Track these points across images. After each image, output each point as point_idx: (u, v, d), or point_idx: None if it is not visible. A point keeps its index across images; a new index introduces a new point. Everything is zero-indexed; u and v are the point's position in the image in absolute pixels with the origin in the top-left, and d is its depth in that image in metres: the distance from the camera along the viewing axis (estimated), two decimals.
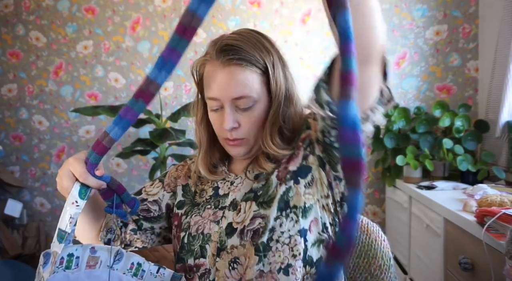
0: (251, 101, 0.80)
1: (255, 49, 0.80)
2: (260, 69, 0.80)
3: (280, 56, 0.85)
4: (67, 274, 0.70)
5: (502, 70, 1.92)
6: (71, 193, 0.66)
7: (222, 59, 0.79)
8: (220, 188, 0.90)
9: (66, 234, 0.64)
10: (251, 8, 2.44)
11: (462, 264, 1.33)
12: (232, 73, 0.78)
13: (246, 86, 0.79)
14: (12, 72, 2.58)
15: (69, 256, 0.70)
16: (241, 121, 0.82)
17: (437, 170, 2.01)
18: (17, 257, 2.35)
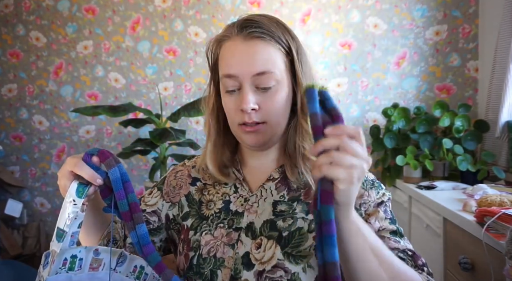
0: (273, 80, 0.72)
1: (278, 29, 0.74)
2: (284, 49, 0.74)
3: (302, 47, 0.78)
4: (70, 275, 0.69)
5: (502, 70, 1.92)
6: (68, 191, 0.65)
7: (244, 32, 0.73)
8: (232, 202, 0.81)
9: (64, 233, 0.64)
10: (251, 8, 2.44)
11: (462, 264, 1.33)
12: (255, 46, 0.72)
13: (268, 61, 0.72)
14: (12, 72, 2.58)
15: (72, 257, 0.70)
16: (261, 103, 0.73)
17: (437, 170, 2.01)
18: (17, 257, 2.35)
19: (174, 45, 2.50)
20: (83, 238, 0.83)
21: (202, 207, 0.84)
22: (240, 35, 0.73)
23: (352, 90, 2.42)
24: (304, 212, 0.76)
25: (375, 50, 2.39)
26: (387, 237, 0.72)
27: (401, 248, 0.73)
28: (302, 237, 0.74)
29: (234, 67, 0.73)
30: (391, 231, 0.73)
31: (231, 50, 0.74)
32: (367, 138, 2.42)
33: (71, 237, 0.67)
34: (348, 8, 2.40)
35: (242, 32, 0.73)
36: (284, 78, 0.74)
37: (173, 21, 2.49)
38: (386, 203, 0.78)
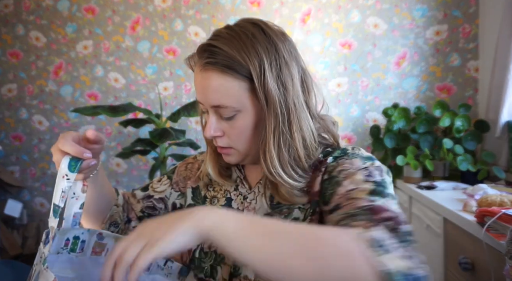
0: (231, 111, 0.70)
1: (239, 50, 0.68)
2: (243, 75, 0.68)
3: (280, 57, 0.70)
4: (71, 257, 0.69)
5: (502, 70, 1.92)
6: (60, 166, 0.65)
7: (201, 61, 0.70)
8: (233, 200, 0.82)
9: (59, 209, 0.64)
10: (251, 8, 2.44)
11: (462, 264, 1.33)
12: (208, 79, 0.69)
13: (222, 94, 0.69)
14: (12, 72, 2.58)
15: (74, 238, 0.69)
16: (226, 130, 0.73)
17: (437, 170, 2.01)
18: (17, 257, 2.35)
19: (174, 45, 2.50)
20: (85, 220, 0.83)
21: (206, 203, 0.85)
22: (199, 63, 0.71)
23: (352, 90, 2.42)
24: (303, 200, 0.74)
25: (375, 50, 2.39)
26: (360, 198, 0.62)
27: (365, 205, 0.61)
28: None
29: (198, 96, 0.73)
30: (368, 191, 0.63)
31: (195, 76, 0.73)
32: (367, 138, 2.42)
33: (73, 217, 0.66)
34: (348, 8, 2.39)
35: (200, 60, 0.70)
36: (246, 105, 0.70)
37: (173, 21, 2.49)
38: (370, 168, 0.69)
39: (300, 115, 0.71)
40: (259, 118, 0.71)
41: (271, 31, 0.72)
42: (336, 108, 2.43)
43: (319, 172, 0.73)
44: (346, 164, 0.70)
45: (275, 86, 0.68)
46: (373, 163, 0.71)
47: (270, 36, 0.70)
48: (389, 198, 0.63)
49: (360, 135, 2.44)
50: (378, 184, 0.66)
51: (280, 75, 0.70)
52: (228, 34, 0.69)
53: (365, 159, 0.71)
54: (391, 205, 0.62)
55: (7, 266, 2.07)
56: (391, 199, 0.64)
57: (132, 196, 0.90)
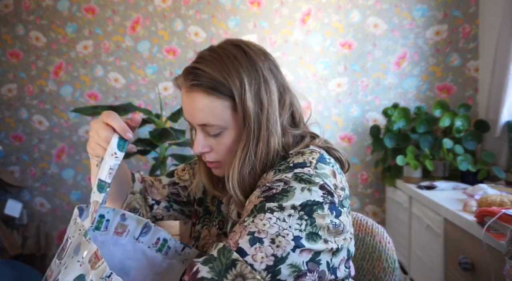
0: (217, 129, 0.74)
1: (222, 72, 0.71)
2: (227, 95, 0.72)
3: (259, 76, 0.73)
4: (96, 235, 0.71)
5: (502, 70, 1.92)
6: (110, 145, 0.67)
7: (187, 83, 0.74)
8: (223, 204, 0.87)
9: (106, 185, 0.66)
10: (251, 8, 2.44)
11: (462, 264, 1.33)
12: (194, 99, 0.73)
13: (208, 114, 0.72)
14: (12, 72, 2.58)
15: (100, 216, 0.71)
16: (213, 146, 0.76)
17: (437, 170, 2.01)
18: (17, 257, 2.35)
19: (174, 45, 2.50)
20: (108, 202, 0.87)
21: (208, 200, 0.92)
22: (184, 85, 0.75)
23: (352, 90, 2.42)
24: None
25: (375, 50, 2.39)
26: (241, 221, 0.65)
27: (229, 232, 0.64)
28: None
29: (185, 115, 0.77)
30: (249, 211, 0.65)
31: (182, 97, 0.77)
32: (367, 138, 2.42)
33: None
34: (348, 8, 2.39)
35: (186, 82, 0.74)
36: (230, 122, 0.74)
37: (173, 21, 2.49)
38: (272, 183, 0.67)
39: (270, 132, 0.73)
40: (241, 133, 0.75)
41: (252, 52, 0.75)
42: (336, 108, 2.43)
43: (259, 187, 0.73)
44: (262, 179, 0.72)
45: (251, 105, 0.72)
46: (284, 176, 0.68)
47: (250, 56, 0.74)
48: (267, 213, 0.63)
49: (360, 135, 2.44)
50: (269, 198, 0.64)
51: (258, 93, 0.73)
52: (211, 56, 0.74)
53: (281, 171, 0.70)
54: (260, 222, 0.62)
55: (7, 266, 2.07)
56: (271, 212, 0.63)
57: (157, 181, 0.95)
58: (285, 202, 0.63)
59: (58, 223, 2.60)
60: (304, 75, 2.43)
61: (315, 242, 0.63)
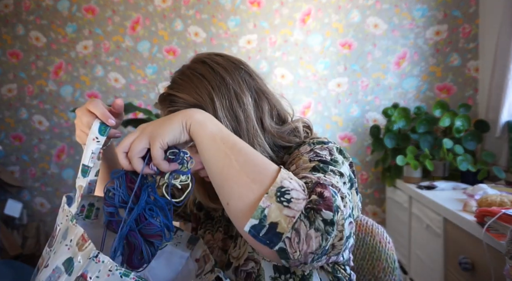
0: None
1: (193, 93, 0.74)
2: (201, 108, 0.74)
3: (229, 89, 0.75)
4: (86, 223, 0.72)
5: (502, 70, 1.92)
6: (91, 129, 0.68)
7: (165, 110, 0.77)
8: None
9: (89, 169, 0.67)
10: (251, 8, 2.44)
11: (462, 264, 1.33)
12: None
13: None
14: (12, 72, 2.58)
15: (89, 205, 0.72)
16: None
17: (437, 170, 2.01)
18: (17, 257, 2.35)
19: (174, 45, 2.50)
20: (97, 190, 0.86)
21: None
22: (162, 111, 0.78)
23: (352, 90, 2.42)
24: None
25: (375, 50, 2.39)
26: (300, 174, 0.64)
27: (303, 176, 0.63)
28: None
29: None
30: (310, 169, 0.65)
31: None
32: (367, 138, 2.42)
33: (89, 184, 0.68)
34: (348, 8, 2.39)
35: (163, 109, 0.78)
36: None
37: (173, 21, 2.49)
38: (316, 149, 0.71)
39: (253, 142, 0.75)
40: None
41: (219, 67, 0.77)
42: (336, 108, 2.43)
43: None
44: (295, 153, 0.74)
45: (225, 120, 0.74)
46: (322, 146, 0.73)
47: (218, 73, 0.76)
48: (332, 173, 0.64)
49: (360, 135, 2.44)
50: (323, 162, 0.67)
51: (230, 109, 0.75)
52: (182, 80, 0.76)
53: (315, 143, 0.74)
54: (332, 178, 0.62)
55: (7, 266, 2.07)
56: (336, 175, 0.65)
57: None
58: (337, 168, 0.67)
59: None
60: (304, 75, 2.43)
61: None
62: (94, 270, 0.54)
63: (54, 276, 0.57)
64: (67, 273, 0.56)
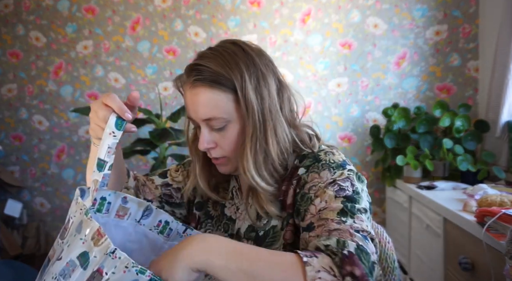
0: (222, 122, 0.77)
1: (223, 66, 0.75)
2: (230, 88, 0.75)
3: (258, 70, 0.77)
4: (97, 217, 0.72)
5: (502, 70, 1.92)
6: (108, 124, 0.67)
7: (190, 80, 0.77)
8: (226, 207, 0.89)
9: (105, 163, 0.67)
10: (251, 8, 2.44)
11: (462, 264, 1.33)
12: (198, 94, 0.76)
13: (213, 107, 0.75)
14: (12, 72, 2.58)
15: (101, 199, 0.72)
16: (218, 141, 0.79)
17: (437, 170, 2.01)
18: (17, 257, 2.35)
19: (174, 45, 2.50)
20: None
21: (209, 205, 0.91)
22: (188, 82, 0.77)
23: (352, 90, 2.42)
24: (278, 210, 0.79)
25: (375, 50, 2.39)
26: (330, 218, 0.67)
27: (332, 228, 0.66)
28: (275, 236, 0.79)
29: (189, 112, 0.80)
30: (338, 211, 0.68)
31: (185, 95, 0.80)
32: (367, 138, 2.42)
33: (102, 178, 0.68)
34: (348, 8, 2.39)
35: (188, 78, 0.77)
36: (234, 115, 0.77)
37: (173, 21, 2.49)
38: (339, 181, 0.73)
39: (275, 122, 0.78)
40: (244, 127, 0.78)
41: (250, 49, 0.79)
42: (336, 108, 2.43)
43: (290, 185, 0.79)
44: (315, 179, 0.75)
45: (253, 96, 0.76)
46: (342, 173, 0.75)
47: (248, 53, 0.78)
48: (359, 214, 0.68)
49: (360, 135, 2.44)
50: (348, 199, 0.70)
51: (257, 86, 0.77)
52: (212, 54, 0.77)
53: (335, 168, 0.76)
54: (362, 222, 0.67)
55: (7, 266, 2.07)
56: (362, 213, 0.69)
57: (149, 180, 0.94)
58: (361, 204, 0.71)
59: (58, 223, 2.60)
60: (304, 75, 2.43)
61: None
62: (110, 265, 0.54)
63: (69, 269, 0.57)
64: (82, 267, 0.56)
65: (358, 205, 0.70)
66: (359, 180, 0.77)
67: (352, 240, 0.62)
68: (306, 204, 0.73)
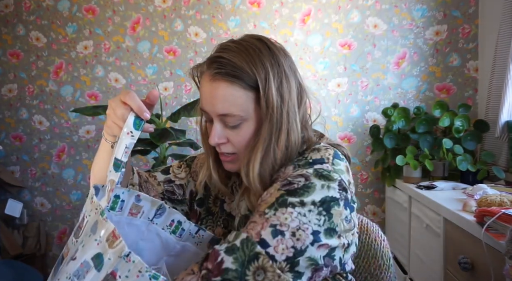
0: (238, 119, 0.74)
1: (247, 62, 0.72)
2: (250, 85, 0.73)
3: (282, 71, 0.76)
4: (111, 214, 0.71)
5: (502, 70, 1.92)
6: (126, 123, 0.66)
7: (211, 71, 0.74)
8: (226, 203, 0.88)
9: (122, 163, 0.66)
10: (251, 8, 2.45)
11: (462, 264, 1.33)
12: (218, 88, 0.73)
13: (231, 103, 0.73)
14: (12, 72, 2.58)
15: (115, 197, 0.71)
16: (230, 137, 0.77)
17: (437, 170, 2.01)
18: (17, 257, 2.35)
19: (174, 45, 2.50)
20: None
21: (210, 201, 0.91)
22: (208, 72, 0.74)
23: (352, 90, 2.42)
24: None
25: (375, 50, 2.39)
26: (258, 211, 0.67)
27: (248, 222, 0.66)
28: None
29: (204, 105, 0.77)
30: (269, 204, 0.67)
31: (203, 86, 0.76)
32: (367, 138, 2.42)
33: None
34: (348, 8, 2.40)
35: (209, 69, 0.74)
36: (251, 114, 0.75)
37: (173, 21, 2.49)
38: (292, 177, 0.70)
39: (291, 125, 0.75)
40: (260, 126, 0.75)
41: (275, 47, 0.77)
42: (336, 108, 2.44)
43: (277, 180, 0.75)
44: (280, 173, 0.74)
45: (275, 97, 0.73)
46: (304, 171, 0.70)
47: (273, 52, 0.76)
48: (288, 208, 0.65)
49: (360, 135, 2.44)
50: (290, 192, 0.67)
51: (280, 87, 0.74)
52: (236, 47, 0.74)
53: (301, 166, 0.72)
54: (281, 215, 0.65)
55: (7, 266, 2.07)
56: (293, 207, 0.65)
57: (151, 177, 0.93)
58: (305, 197, 0.66)
59: (58, 223, 2.60)
60: (304, 75, 2.43)
61: (331, 237, 0.66)
62: (124, 269, 0.54)
63: (83, 270, 0.57)
64: (96, 269, 0.56)
65: (296, 198, 0.66)
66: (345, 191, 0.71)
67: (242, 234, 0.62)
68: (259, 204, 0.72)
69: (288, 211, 0.64)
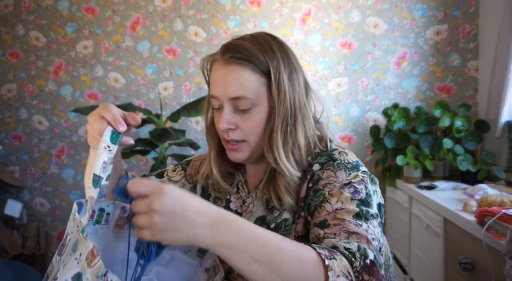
0: (249, 103, 0.76)
1: (260, 50, 0.77)
2: (262, 71, 0.77)
3: (291, 63, 0.80)
4: (96, 228, 0.70)
5: (502, 70, 1.92)
6: (103, 138, 0.65)
7: (224, 57, 0.77)
8: (232, 202, 0.88)
9: (100, 179, 0.64)
10: (251, 8, 2.44)
11: (462, 264, 1.33)
12: (231, 72, 0.76)
13: (243, 86, 0.75)
14: (12, 72, 2.58)
15: (100, 210, 0.70)
16: (239, 123, 0.78)
17: (437, 170, 2.01)
18: (17, 257, 2.35)
19: (174, 45, 2.50)
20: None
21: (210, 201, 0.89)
22: (222, 58, 0.78)
23: (352, 90, 2.42)
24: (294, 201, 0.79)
25: (375, 50, 2.39)
26: (347, 220, 0.69)
27: (351, 231, 0.67)
28: (287, 229, 0.79)
29: (215, 89, 0.78)
30: (354, 214, 0.69)
31: (215, 72, 0.79)
32: (368, 138, 2.42)
33: (100, 189, 0.66)
34: (348, 8, 2.39)
35: (223, 56, 0.78)
36: (262, 100, 0.78)
37: (173, 21, 2.49)
38: (354, 184, 0.75)
39: (304, 113, 0.80)
40: (270, 113, 0.79)
41: (284, 45, 0.83)
42: (336, 108, 2.43)
43: (305, 179, 0.80)
44: (331, 178, 0.77)
45: (287, 83, 0.78)
46: (357, 175, 0.77)
47: (283, 47, 0.82)
48: (372, 220, 0.71)
49: (360, 135, 2.44)
50: (363, 202, 0.72)
51: (290, 77, 0.79)
52: (249, 38, 0.80)
53: (350, 169, 0.78)
54: (374, 229, 0.69)
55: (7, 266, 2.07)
56: (374, 219, 0.71)
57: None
58: (373, 208, 0.73)
59: (58, 223, 2.60)
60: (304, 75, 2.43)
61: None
62: None
63: None
64: None
65: (371, 210, 0.72)
66: (372, 182, 0.78)
67: (369, 249, 0.63)
68: (319, 200, 0.74)
69: (373, 224, 0.70)
